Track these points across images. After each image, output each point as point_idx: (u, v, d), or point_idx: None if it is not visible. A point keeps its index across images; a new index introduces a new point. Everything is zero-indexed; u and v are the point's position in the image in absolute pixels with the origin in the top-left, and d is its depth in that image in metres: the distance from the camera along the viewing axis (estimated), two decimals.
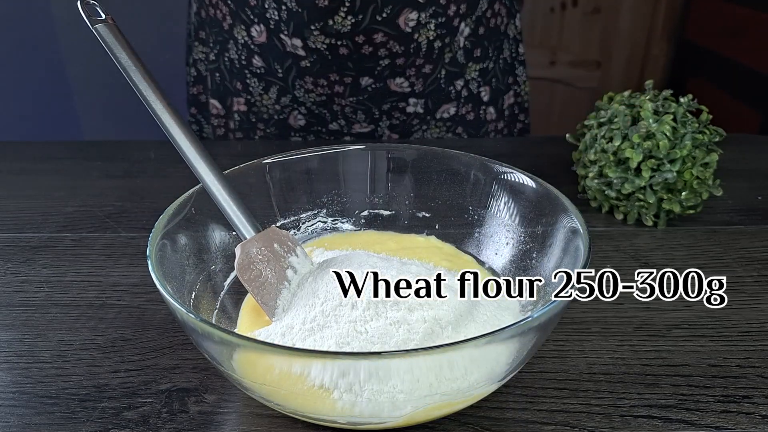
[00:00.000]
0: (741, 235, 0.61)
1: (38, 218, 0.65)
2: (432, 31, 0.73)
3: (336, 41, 0.72)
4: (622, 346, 0.46)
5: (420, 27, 0.72)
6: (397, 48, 0.73)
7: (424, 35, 0.73)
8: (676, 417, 0.40)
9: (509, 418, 0.40)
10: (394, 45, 0.72)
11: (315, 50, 0.73)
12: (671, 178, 0.59)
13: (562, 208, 0.44)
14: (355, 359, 0.33)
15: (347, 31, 0.71)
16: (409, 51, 0.74)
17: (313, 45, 0.73)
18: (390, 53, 0.73)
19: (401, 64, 0.75)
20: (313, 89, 0.78)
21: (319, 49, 0.73)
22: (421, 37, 0.73)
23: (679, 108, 0.61)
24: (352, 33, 0.71)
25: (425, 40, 0.73)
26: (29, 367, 0.44)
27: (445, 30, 0.74)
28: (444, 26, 0.73)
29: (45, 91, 1.69)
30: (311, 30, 0.71)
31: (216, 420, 0.40)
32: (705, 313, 0.50)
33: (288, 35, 0.73)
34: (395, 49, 0.73)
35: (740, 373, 0.44)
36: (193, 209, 0.45)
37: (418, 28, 0.72)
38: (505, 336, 0.33)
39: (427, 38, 0.73)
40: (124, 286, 0.54)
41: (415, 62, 0.76)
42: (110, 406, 0.41)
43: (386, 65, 0.75)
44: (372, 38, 0.71)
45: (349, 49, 0.72)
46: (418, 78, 0.78)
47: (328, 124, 0.84)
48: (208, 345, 0.35)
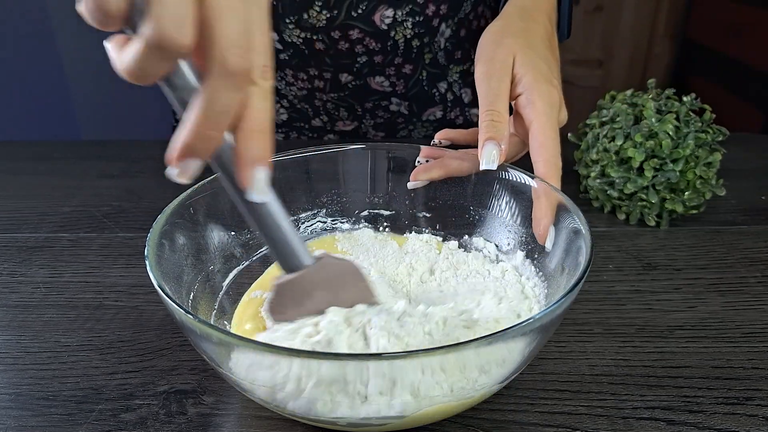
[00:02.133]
0: (744, 235, 0.61)
1: (35, 218, 0.65)
2: (409, 29, 0.72)
3: (311, 35, 0.72)
4: (624, 348, 0.46)
5: (396, 24, 0.72)
6: (374, 45, 0.73)
7: (401, 33, 0.72)
8: (679, 419, 0.40)
9: (510, 420, 0.40)
10: (370, 42, 0.72)
11: (291, 44, 0.73)
12: (674, 178, 0.58)
13: (564, 208, 0.44)
14: (354, 361, 0.33)
15: (323, 26, 0.71)
16: (387, 49, 0.74)
17: (289, 39, 0.73)
18: (367, 50, 0.73)
19: (379, 62, 0.75)
20: (293, 82, 0.78)
21: (295, 43, 0.73)
22: (398, 35, 0.73)
23: (681, 107, 0.61)
24: (327, 28, 0.71)
25: (402, 38, 0.73)
26: (26, 368, 0.44)
27: (424, 29, 0.73)
28: (422, 25, 0.73)
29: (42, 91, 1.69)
30: (286, 23, 0.71)
31: (214, 422, 0.40)
32: (708, 314, 0.49)
33: None
34: (372, 46, 0.73)
35: (744, 375, 0.43)
36: (191, 209, 0.45)
37: (395, 25, 0.72)
38: (507, 337, 0.33)
39: (404, 36, 0.73)
40: (121, 286, 0.53)
41: (394, 61, 0.75)
42: (108, 408, 0.41)
43: (364, 62, 0.75)
44: (348, 34, 0.71)
45: (325, 44, 0.72)
46: (399, 78, 0.78)
47: (310, 120, 0.83)
48: (206, 346, 0.34)
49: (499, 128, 0.48)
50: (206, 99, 0.29)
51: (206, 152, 0.30)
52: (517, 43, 0.52)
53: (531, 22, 0.56)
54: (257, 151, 0.31)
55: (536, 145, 0.48)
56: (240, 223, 0.49)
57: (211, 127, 0.29)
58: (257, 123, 0.31)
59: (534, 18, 0.57)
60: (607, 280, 0.54)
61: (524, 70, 0.51)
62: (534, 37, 0.54)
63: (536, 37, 0.55)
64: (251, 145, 0.31)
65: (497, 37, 0.54)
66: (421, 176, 0.52)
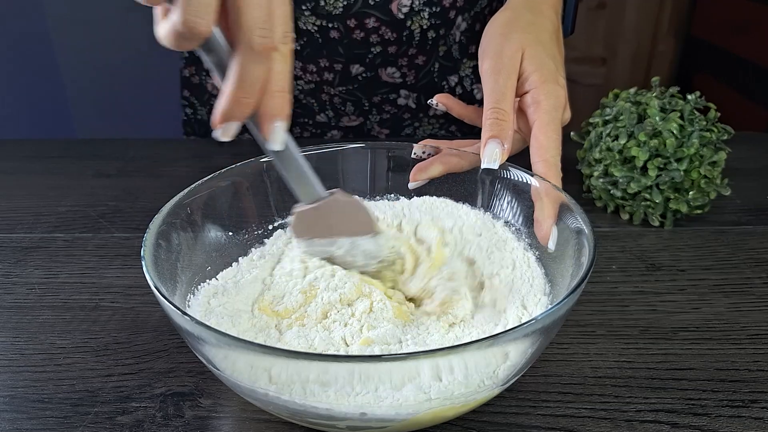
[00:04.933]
0: (750, 235, 0.60)
1: (30, 218, 0.64)
2: (425, 19, 0.72)
3: (327, 23, 0.72)
4: (627, 349, 0.46)
5: (413, 14, 0.72)
6: (390, 35, 0.72)
7: (417, 23, 0.72)
8: (683, 422, 0.39)
9: (512, 423, 0.40)
10: (386, 31, 0.72)
11: (305, 32, 0.73)
12: (678, 177, 0.58)
13: (567, 208, 0.44)
14: (353, 362, 0.33)
15: (339, 14, 0.71)
16: (402, 39, 0.73)
17: (304, 26, 0.72)
18: (382, 40, 0.73)
19: (393, 53, 0.75)
20: (301, 75, 0.77)
21: (310, 30, 0.73)
22: (414, 24, 0.72)
23: (686, 105, 0.61)
24: (343, 16, 0.71)
25: (418, 28, 0.73)
26: (20, 371, 0.44)
27: (440, 21, 0.73)
28: (438, 16, 0.73)
29: (37, 89, 1.68)
30: (302, 10, 0.71)
31: (212, 425, 0.40)
32: (713, 316, 0.49)
33: None
34: (387, 36, 0.73)
35: (749, 377, 0.43)
36: (188, 209, 0.45)
37: (411, 15, 0.72)
38: (508, 339, 0.32)
39: (420, 27, 0.73)
40: (117, 287, 0.53)
41: (408, 51, 0.75)
42: (103, 411, 0.40)
43: (378, 53, 0.74)
44: (364, 22, 0.71)
45: (340, 32, 0.72)
46: (410, 69, 0.77)
47: (315, 116, 0.83)
48: (204, 348, 0.34)
49: (503, 127, 0.48)
50: (238, 72, 0.33)
51: (242, 116, 0.34)
52: (527, 38, 0.52)
53: (539, 15, 0.55)
54: (276, 108, 0.35)
55: (537, 146, 0.48)
56: (237, 223, 0.49)
57: (244, 95, 0.34)
58: (277, 84, 0.35)
59: (541, 11, 0.56)
60: (610, 281, 0.53)
61: (532, 68, 0.50)
62: (542, 32, 0.54)
63: (544, 32, 0.54)
64: (271, 103, 0.35)
65: (505, 30, 0.53)
66: (420, 176, 0.52)
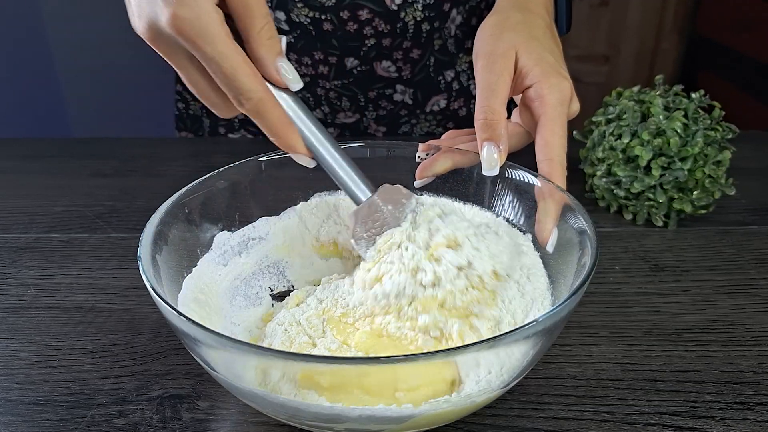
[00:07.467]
0: (755, 235, 0.60)
1: (25, 218, 0.64)
2: (419, 11, 0.72)
3: (320, 15, 0.71)
4: (631, 351, 0.45)
5: (406, 5, 0.71)
6: (383, 26, 0.72)
7: (411, 15, 0.72)
8: (688, 425, 0.39)
9: (514, 425, 0.40)
10: (379, 23, 0.72)
11: (299, 24, 0.73)
12: (682, 177, 0.58)
13: (569, 208, 0.43)
14: (352, 364, 0.33)
15: (331, 5, 0.71)
16: (396, 31, 0.73)
17: (297, 18, 0.72)
18: (376, 32, 0.73)
19: (387, 46, 0.74)
20: (296, 68, 0.77)
21: (303, 23, 0.72)
22: (408, 16, 0.72)
23: (690, 104, 0.60)
24: (336, 7, 0.71)
25: (412, 20, 0.73)
26: (15, 372, 0.44)
27: (434, 13, 0.73)
28: (432, 8, 0.73)
29: (33, 87, 1.67)
30: (295, 2, 0.71)
31: (209, 427, 0.39)
32: (717, 317, 0.49)
33: (272, 7, 0.73)
34: (381, 28, 0.72)
35: (754, 380, 0.43)
36: (185, 209, 0.44)
37: (405, 6, 0.71)
38: (510, 340, 0.32)
39: (414, 18, 0.72)
40: (114, 288, 0.53)
41: (402, 44, 0.75)
42: (100, 414, 0.40)
43: (372, 45, 0.74)
44: (357, 14, 0.71)
45: (334, 24, 0.72)
46: (406, 63, 0.77)
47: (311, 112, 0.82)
48: (201, 350, 0.34)
49: (495, 128, 0.46)
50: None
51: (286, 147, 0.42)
52: (519, 36, 0.51)
53: (528, 14, 0.55)
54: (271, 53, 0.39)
55: (542, 143, 0.47)
56: (235, 223, 0.49)
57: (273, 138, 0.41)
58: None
59: (531, 9, 0.55)
60: (613, 282, 0.53)
61: (532, 63, 0.49)
62: (535, 28, 0.53)
63: (537, 28, 0.53)
64: (263, 49, 0.39)
65: (496, 31, 0.52)
66: (426, 172, 0.51)
